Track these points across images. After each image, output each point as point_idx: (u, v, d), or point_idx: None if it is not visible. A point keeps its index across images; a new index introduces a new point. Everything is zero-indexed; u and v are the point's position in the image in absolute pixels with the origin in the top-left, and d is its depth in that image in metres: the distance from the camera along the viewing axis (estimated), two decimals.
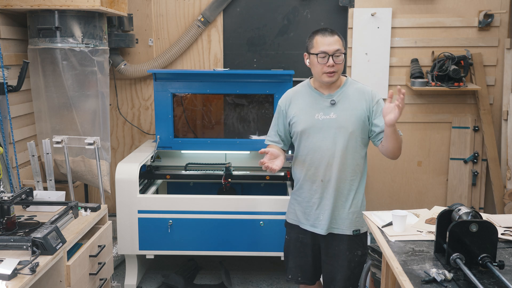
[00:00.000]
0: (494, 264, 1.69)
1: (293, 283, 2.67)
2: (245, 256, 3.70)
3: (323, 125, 2.45)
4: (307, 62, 2.49)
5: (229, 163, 3.65)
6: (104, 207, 2.71)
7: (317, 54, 2.38)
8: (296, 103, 2.55)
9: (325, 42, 2.37)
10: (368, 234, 3.38)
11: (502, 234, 2.02)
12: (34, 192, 2.57)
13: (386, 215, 2.26)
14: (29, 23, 3.21)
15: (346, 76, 2.54)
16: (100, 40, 3.34)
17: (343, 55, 2.41)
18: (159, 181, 3.81)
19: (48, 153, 2.89)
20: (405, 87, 4.05)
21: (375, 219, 2.25)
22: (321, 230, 2.49)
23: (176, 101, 3.67)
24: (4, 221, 2.20)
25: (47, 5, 3.04)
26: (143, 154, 3.53)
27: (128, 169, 3.24)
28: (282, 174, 3.58)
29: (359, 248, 2.52)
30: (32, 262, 1.90)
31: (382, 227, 2.15)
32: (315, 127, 2.46)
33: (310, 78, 2.58)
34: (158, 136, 3.65)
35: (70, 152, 3.23)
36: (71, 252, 2.31)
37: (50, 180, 2.94)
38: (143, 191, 3.51)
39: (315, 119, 2.46)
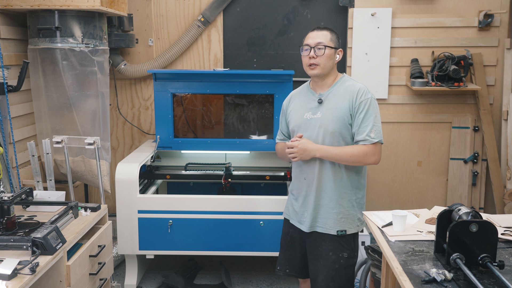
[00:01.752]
0: (494, 264, 1.69)
1: (281, 275, 2.72)
2: (245, 256, 3.70)
3: (309, 124, 2.48)
4: None
5: (229, 163, 3.65)
6: (104, 207, 2.71)
7: (301, 47, 2.47)
8: (293, 103, 2.61)
9: (310, 36, 2.47)
10: (367, 234, 3.39)
11: (502, 234, 2.02)
12: (34, 192, 2.57)
13: (386, 215, 2.26)
14: (29, 23, 3.21)
15: (343, 75, 2.54)
16: (100, 40, 3.34)
17: (329, 49, 2.41)
18: (159, 181, 3.81)
19: (48, 153, 2.89)
20: (405, 87, 4.05)
21: (375, 219, 2.25)
22: (304, 227, 2.52)
23: (176, 101, 3.66)
24: (4, 221, 2.20)
25: (47, 5, 3.04)
26: (143, 154, 3.53)
27: (128, 169, 3.24)
28: (282, 174, 3.58)
29: (344, 250, 2.48)
30: (32, 262, 1.90)
31: (382, 227, 2.15)
32: (303, 126, 2.50)
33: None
34: (158, 136, 3.64)
35: (70, 152, 3.23)
36: (71, 252, 2.31)
37: (50, 180, 2.94)
38: (143, 191, 3.51)
39: (303, 119, 2.51)
